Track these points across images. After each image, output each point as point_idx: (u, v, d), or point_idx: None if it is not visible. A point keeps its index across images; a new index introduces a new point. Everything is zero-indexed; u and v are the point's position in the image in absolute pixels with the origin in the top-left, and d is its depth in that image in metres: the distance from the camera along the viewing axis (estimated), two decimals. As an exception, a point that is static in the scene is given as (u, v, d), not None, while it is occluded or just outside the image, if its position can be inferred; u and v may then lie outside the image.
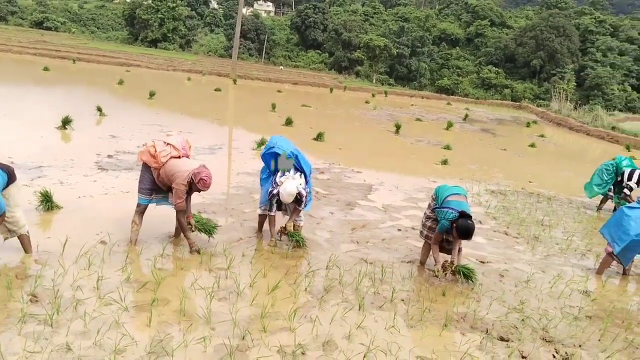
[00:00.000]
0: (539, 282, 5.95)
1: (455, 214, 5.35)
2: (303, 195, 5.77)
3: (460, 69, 64.69)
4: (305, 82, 38.74)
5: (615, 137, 24.36)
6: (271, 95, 26.68)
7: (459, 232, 5.33)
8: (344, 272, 5.49)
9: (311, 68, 58.78)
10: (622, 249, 6.17)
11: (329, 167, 11.03)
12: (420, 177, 11.09)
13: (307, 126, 16.09)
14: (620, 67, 63.07)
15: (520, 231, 7.90)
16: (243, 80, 35.20)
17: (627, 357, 4.50)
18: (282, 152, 5.92)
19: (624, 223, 6.23)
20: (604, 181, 9.68)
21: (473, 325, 4.74)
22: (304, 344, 4.06)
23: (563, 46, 62.23)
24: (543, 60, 62.41)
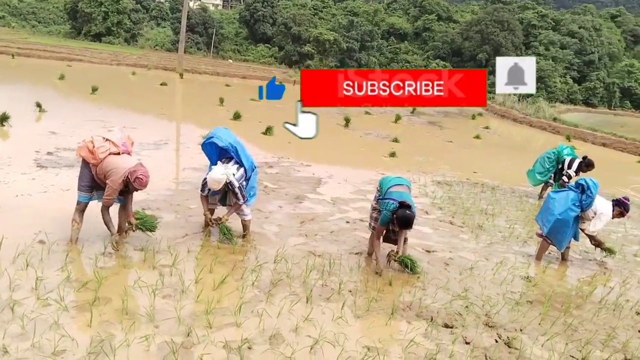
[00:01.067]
0: (482, 270, 6.10)
1: (395, 204, 5.44)
2: (235, 185, 5.70)
3: (409, 63, 65.53)
4: (255, 76, 38.42)
5: (557, 128, 25.23)
6: (219, 89, 26.33)
7: (399, 222, 5.42)
8: (292, 265, 5.49)
9: (261, 62, 58.38)
10: (549, 230, 6.47)
11: (278, 161, 11.00)
12: (369, 169, 11.18)
13: (256, 120, 15.98)
14: (562, 60, 65.28)
15: (465, 220, 8.08)
16: (190, 74, 34.60)
17: (566, 339, 4.66)
18: (221, 143, 5.86)
19: (550, 205, 6.56)
20: (545, 169, 10.01)
21: (419, 314, 4.82)
22: (250, 338, 4.04)
23: (507, 40, 63.93)
24: (488, 54, 63.91)
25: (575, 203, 6.35)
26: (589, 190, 6.33)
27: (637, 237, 8.25)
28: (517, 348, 4.41)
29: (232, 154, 5.91)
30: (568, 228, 6.38)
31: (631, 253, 7.43)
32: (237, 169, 5.83)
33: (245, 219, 6.19)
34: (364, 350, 4.07)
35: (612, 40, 71.70)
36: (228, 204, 6.09)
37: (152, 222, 5.71)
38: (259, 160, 10.66)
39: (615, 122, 36.74)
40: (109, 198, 5.16)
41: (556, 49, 66.30)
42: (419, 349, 4.19)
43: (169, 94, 23.57)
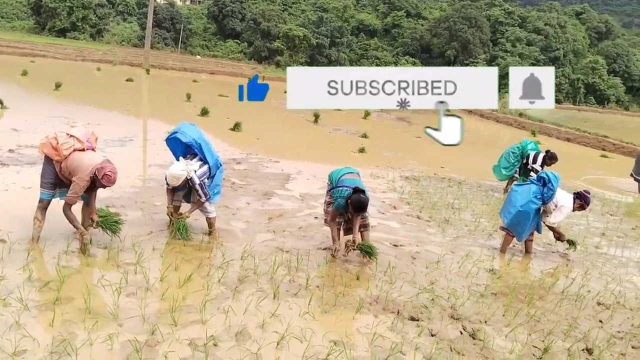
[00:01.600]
0: (448, 263, 6.18)
1: (349, 190, 5.57)
2: (196, 182, 5.65)
3: (379, 59, 65.92)
4: (223, 72, 38.19)
5: (522, 124, 25.70)
6: (187, 85, 26.08)
7: (354, 207, 5.55)
8: (259, 261, 5.46)
9: (230, 58, 58.00)
10: (510, 221, 6.60)
11: (246, 157, 10.95)
12: (338, 165, 11.05)
13: (224, 116, 15.87)
14: (528, 57, 66.46)
15: (432, 215, 8.17)
16: (157, 70, 34.19)
17: (529, 330, 4.75)
18: (184, 139, 5.80)
19: (512, 198, 6.71)
20: (510, 164, 10.18)
21: (385, 307, 4.85)
22: (216, 335, 4.01)
23: (475, 37, 64.83)
24: (457, 51, 64.76)
25: (537, 196, 6.48)
26: (550, 183, 6.46)
27: (599, 230, 8.46)
28: (481, 339, 4.47)
29: (196, 150, 5.84)
30: (529, 220, 6.51)
31: (593, 245, 7.61)
32: (200, 166, 5.77)
33: (210, 217, 6.13)
34: (330, 344, 4.08)
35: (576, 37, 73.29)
36: (192, 200, 6.03)
37: (114, 223, 5.60)
38: (227, 157, 10.61)
39: (580, 118, 37.59)
40: (74, 195, 5.05)
41: (522, 46, 67.47)
42: (384, 342, 4.21)
43: (134, 89, 23.25)
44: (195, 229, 6.19)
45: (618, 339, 4.75)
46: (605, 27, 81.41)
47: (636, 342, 4.73)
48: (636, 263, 6.99)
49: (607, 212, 9.80)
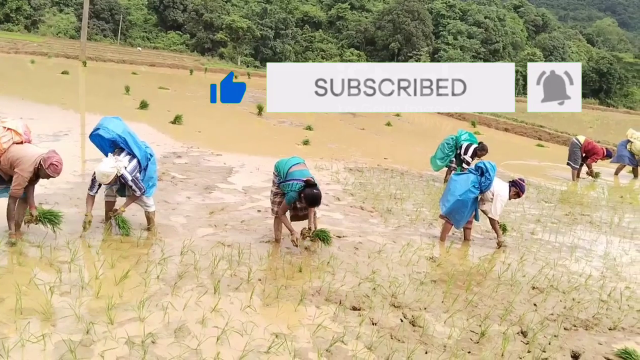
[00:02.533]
0: (390, 252, 6.25)
1: (300, 184, 5.56)
2: (128, 179, 5.50)
3: (324, 51, 66.13)
4: (164, 64, 37.39)
5: (463, 115, 26.31)
6: (125, 77, 25.40)
7: (308, 201, 5.58)
8: (199, 256, 5.37)
9: (172, 49, 56.82)
10: (448, 209, 6.76)
11: (187, 150, 10.75)
12: (282, 157, 11.13)
13: (164, 109, 15.54)
14: (469, 49, 68.17)
15: (375, 205, 8.26)
16: (94, 62, 33.16)
17: (467, 315, 4.86)
18: (107, 135, 5.61)
19: (451, 187, 6.86)
20: (445, 154, 10.40)
21: (327, 298, 4.86)
22: (154, 332, 3.92)
23: (418, 29, 65.93)
24: (400, 43, 65.70)
25: (475, 185, 6.65)
26: (488, 172, 6.64)
27: (534, 216, 8.76)
28: (420, 326, 4.55)
29: (121, 144, 5.66)
30: (467, 209, 6.68)
31: (528, 231, 7.86)
32: (129, 161, 5.60)
33: (149, 210, 5.99)
34: (272, 337, 4.06)
35: (515, 29, 75.74)
36: (127, 195, 5.87)
37: (53, 216, 5.41)
38: (167, 151, 10.40)
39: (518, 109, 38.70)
40: (18, 188, 4.93)
41: (464, 39, 69.17)
42: (326, 333, 4.23)
43: (71, 82, 22.45)
44: (134, 225, 6.04)
45: (551, 321, 4.93)
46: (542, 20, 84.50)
47: (568, 324, 4.91)
48: (569, 248, 7.26)
49: (542, 199, 10.16)
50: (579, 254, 7.04)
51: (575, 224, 8.54)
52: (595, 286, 5.89)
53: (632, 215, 9.51)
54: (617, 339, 4.75)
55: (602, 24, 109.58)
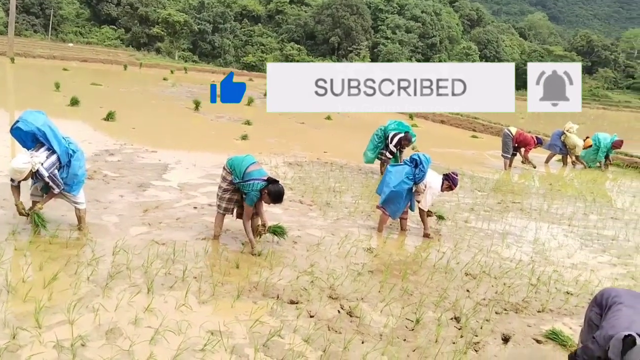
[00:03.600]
0: (328, 245, 6.28)
1: (262, 182, 5.55)
2: (44, 175, 5.29)
3: (264, 45, 65.70)
4: (97, 60, 36.20)
5: (401, 108, 26.73)
6: (56, 73, 24.41)
7: (273, 198, 5.58)
8: (132, 256, 5.23)
9: (106, 45, 55.05)
10: (384, 200, 6.88)
11: (120, 147, 10.43)
12: (220, 153, 10.98)
13: (97, 106, 15.04)
14: (407, 43, 69.34)
15: (314, 199, 8.28)
16: (23, 58, 31.73)
17: (402, 303, 4.95)
18: (25, 128, 5.37)
19: (387, 178, 6.98)
20: (375, 145, 10.54)
21: (265, 293, 4.84)
22: (84, 335, 3.79)
23: (357, 24, 66.49)
24: (340, 38, 66.08)
25: (409, 176, 6.78)
26: (422, 164, 6.78)
27: (468, 205, 9.00)
28: (357, 316, 4.60)
29: (41, 138, 5.42)
30: (402, 199, 6.81)
31: (462, 219, 8.08)
32: (48, 156, 5.37)
33: (79, 208, 5.80)
34: (207, 335, 4.01)
35: (451, 24, 77.64)
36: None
37: None
38: (99, 148, 10.07)
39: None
40: None
41: (402, 33, 70.27)
42: (263, 328, 4.21)
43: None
44: (63, 225, 5.82)
45: (483, 306, 5.09)
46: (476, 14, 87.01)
47: (499, 308, 5.09)
48: (500, 234, 7.52)
49: (476, 188, 10.46)
50: (510, 240, 7.29)
51: (506, 212, 8.85)
52: (525, 271, 6.12)
53: (560, 201, 9.94)
54: (545, 320, 4.96)
55: (534, 18, 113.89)
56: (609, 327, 3.24)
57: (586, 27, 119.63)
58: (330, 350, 4.02)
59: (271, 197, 5.58)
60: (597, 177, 13.49)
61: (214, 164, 9.87)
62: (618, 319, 3.28)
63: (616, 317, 3.32)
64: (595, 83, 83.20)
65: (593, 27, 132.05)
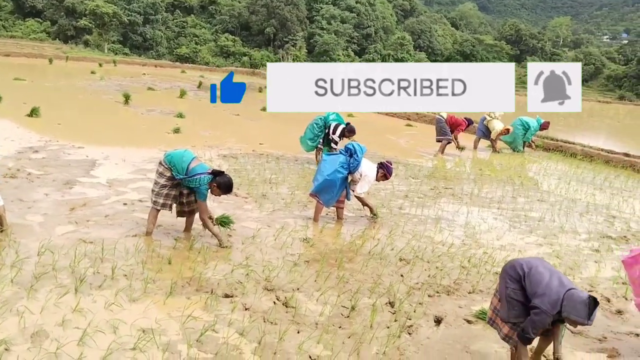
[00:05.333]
0: (264, 237, 6.26)
1: (208, 176, 5.56)
2: None
3: (197, 37, 64.43)
4: (20, 54, 34.56)
5: (337, 98, 26.92)
6: (-24, 69, 23.13)
7: (224, 189, 5.65)
8: (58, 256, 5.04)
9: (31, 38, 52.48)
10: (317, 188, 6.93)
11: (45, 144, 9.99)
12: (151, 147, 10.73)
13: (20, 102, 14.33)
14: (343, 34, 69.65)
15: (250, 191, 8.21)
16: (-62, 53, 29.84)
17: (338, 291, 4.99)
18: None
19: (321, 167, 7.05)
20: (315, 134, 10.58)
21: (199, 288, 4.78)
22: (8, 339, 3.65)
23: (292, 14, 66.22)
24: (276, 28, 65.65)
25: (344, 165, 6.84)
26: (356, 154, 6.85)
27: (402, 192, 9.17)
28: (293, 306, 4.61)
29: None
30: (335, 187, 6.86)
31: (397, 206, 8.22)
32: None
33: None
34: (139, 333, 3.92)
35: (385, 14, 78.54)
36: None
37: None
38: (22, 146, 9.62)
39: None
40: None
41: (337, 23, 70.52)
42: (197, 323, 4.15)
43: None
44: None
45: (416, 290, 5.21)
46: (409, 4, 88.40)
47: (432, 291, 5.22)
48: (433, 220, 7.70)
49: (410, 175, 10.66)
50: (442, 225, 7.48)
51: (439, 197, 9.07)
52: (456, 254, 6.31)
53: (489, 186, 10.27)
54: (475, 301, 5.12)
55: (464, 8, 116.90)
56: (547, 291, 3.46)
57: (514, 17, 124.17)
58: (265, 341, 4.01)
59: (221, 189, 5.62)
60: (525, 162, 14.03)
61: (144, 158, 9.62)
62: (547, 282, 3.50)
63: (541, 280, 3.52)
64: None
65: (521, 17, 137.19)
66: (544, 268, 3.63)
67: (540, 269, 3.60)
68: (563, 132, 19.54)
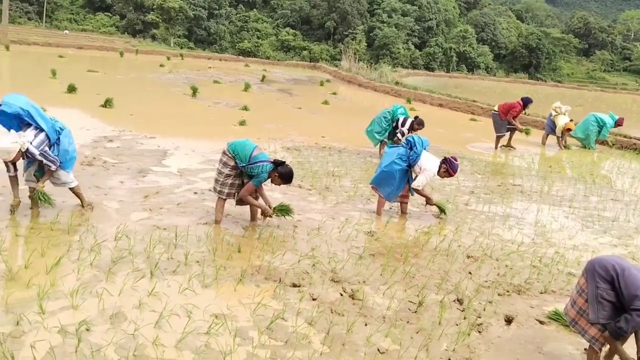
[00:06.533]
0: (329, 229, 6.29)
1: (271, 165, 5.70)
2: (35, 154, 5.33)
3: (259, 31, 65.20)
4: (92, 46, 35.95)
5: (399, 92, 26.62)
6: (52, 61, 24.23)
7: (285, 179, 5.80)
8: (134, 241, 5.24)
9: (101, 32, 54.57)
10: (375, 180, 6.96)
11: (119, 134, 10.39)
12: (219, 139, 10.93)
13: (94, 93, 14.95)
14: (403, 27, 68.77)
15: (313, 183, 8.27)
16: (18, 46, 31.46)
17: (405, 286, 4.97)
18: (9, 110, 5.34)
19: (382, 159, 7.08)
20: (383, 128, 10.54)
21: (267, 277, 4.86)
22: (88, 320, 3.81)
23: (353, 8, 65.93)
24: (336, 22, 65.58)
25: (402, 157, 6.80)
26: (415, 146, 6.79)
27: (468, 188, 9.01)
28: (360, 299, 4.62)
29: (26, 118, 5.41)
30: (393, 180, 6.81)
31: (463, 203, 8.09)
32: (36, 135, 5.40)
33: (72, 186, 5.86)
34: (212, 318, 4.03)
35: (447, 7, 76.98)
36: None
37: None
38: (98, 135, 10.03)
39: (451, 84, 39.71)
40: None
41: (398, 16, 69.65)
42: (267, 310, 4.23)
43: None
44: (64, 212, 5.81)
45: (485, 288, 5.11)
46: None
47: (501, 290, 5.11)
48: (501, 217, 7.53)
49: (476, 171, 10.46)
50: (511, 223, 7.31)
51: (507, 194, 8.85)
52: (527, 253, 6.15)
53: (560, 183, 9.95)
54: (547, 301, 4.98)
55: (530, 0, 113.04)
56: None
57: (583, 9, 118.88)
58: (334, 332, 4.04)
59: (282, 179, 5.76)
60: (597, 159, 13.50)
61: (212, 149, 9.84)
62: None
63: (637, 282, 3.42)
64: (592, 65, 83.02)
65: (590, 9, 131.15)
66: (637, 270, 3.52)
67: (633, 271, 3.49)
68: (637, 128, 18.62)
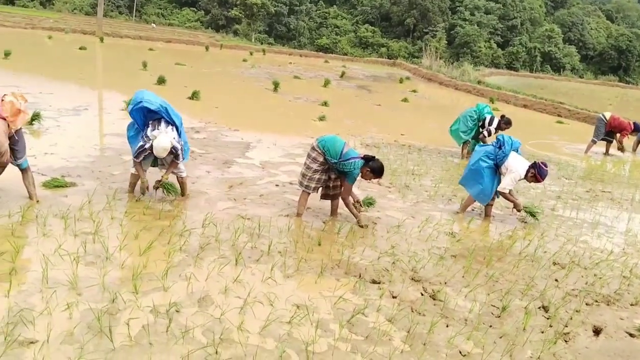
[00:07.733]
0: (409, 227, 6.24)
1: (361, 161, 5.79)
2: (178, 148, 5.69)
3: (338, 27, 65.38)
4: (180, 41, 37.32)
5: (481, 91, 25.96)
6: (142, 53, 25.37)
7: (377, 173, 5.88)
8: (220, 229, 5.42)
9: (186, 26, 56.55)
10: (463, 179, 6.99)
11: (205, 126, 10.75)
12: (299, 133, 11.15)
13: (182, 85, 15.53)
14: (486, 25, 66.90)
15: (393, 181, 8.22)
16: (111, 38, 33.13)
17: (488, 290, 4.85)
18: (152, 107, 5.71)
19: (470, 158, 7.04)
20: (469, 128, 10.33)
21: (347, 271, 4.88)
22: (178, 302, 3.97)
23: (434, 5, 64.82)
24: (416, 19, 64.71)
25: (489, 156, 6.64)
26: (504, 145, 6.61)
27: (555, 193, 8.68)
28: (441, 300, 4.56)
29: (162, 114, 5.79)
30: (481, 178, 6.68)
31: (549, 207, 7.80)
32: (172, 130, 5.77)
33: (182, 176, 6.19)
34: (294, 308, 4.10)
35: (533, 5, 74.12)
36: (160, 164, 6.08)
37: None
38: (185, 126, 10.25)
39: (536, 85, 38.30)
40: None
41: (481, 14, 67.81)
42: (347, 305, 4.25)
43: (88, 58, 22.48)
44: (156, 199, 6.09)
45: (573, 297, 4.91)
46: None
47: (590, 299, 4.89)
48: (590, 224, 7.21)
49: (563, 176, 10.05)
50: (600, 231, 6.99)
51: (596, 201, 8.46)
52: (617, 262, 5.86)
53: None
54: (638, 314, 4.73)
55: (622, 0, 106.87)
56: None
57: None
58: (415, 331, 4.00)
59: (375, 173, 5.85)
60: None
61: (293, 143, 10.00)
62: None
63: None
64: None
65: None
66: None
67: None
68: None
